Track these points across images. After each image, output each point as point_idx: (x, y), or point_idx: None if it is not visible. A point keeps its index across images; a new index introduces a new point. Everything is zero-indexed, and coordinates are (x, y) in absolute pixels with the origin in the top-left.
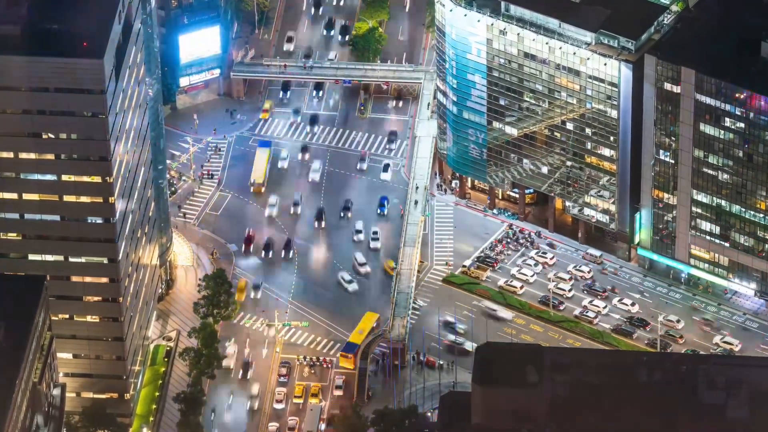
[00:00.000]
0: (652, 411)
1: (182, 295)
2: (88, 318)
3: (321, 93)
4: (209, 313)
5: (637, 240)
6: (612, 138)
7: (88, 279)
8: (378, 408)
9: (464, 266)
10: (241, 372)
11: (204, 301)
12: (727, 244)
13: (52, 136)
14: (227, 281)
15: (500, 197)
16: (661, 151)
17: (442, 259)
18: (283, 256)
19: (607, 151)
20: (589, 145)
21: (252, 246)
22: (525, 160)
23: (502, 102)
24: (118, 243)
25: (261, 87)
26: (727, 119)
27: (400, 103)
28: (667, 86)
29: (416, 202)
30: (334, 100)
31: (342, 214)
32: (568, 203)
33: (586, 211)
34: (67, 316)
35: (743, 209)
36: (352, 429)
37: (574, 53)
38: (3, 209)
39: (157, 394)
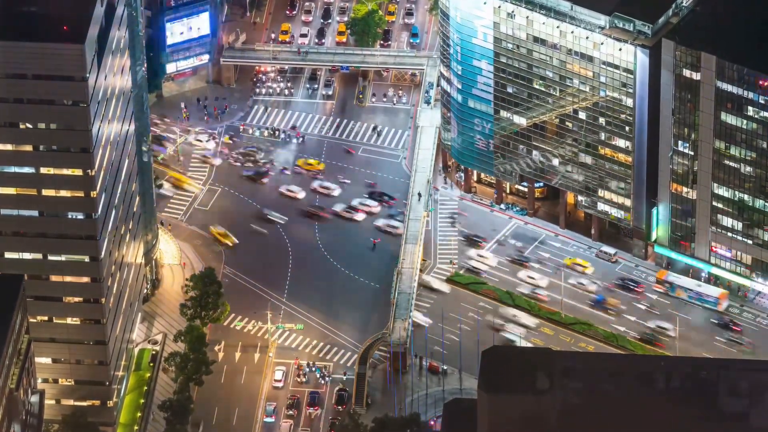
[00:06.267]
0: (671, 419)
1: (169, 295)
2: (69, 320)
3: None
4: (197, 315)
5: (654, 237)
6: (627, 128)
7: (68, 278)
8: (378, 416)
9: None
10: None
11: (191, 303)
12: (750, 242)
13: (30, 126)
14: (216, 281)
15: (508, 191)
16: (680, 142)
17: (445, 257)
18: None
19: (622, 142)
20: (602, 136)
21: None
22: (534, 152)
23: (510, 90)
24: (100, 240)
25: (252, 74)
26: (749, 108)
27: (400, 91)
28: (686, 73)
29: (419, 195)
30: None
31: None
32: (580, 198)
33: (600, 206)
34: (46, 318)
35: (767, 204)
36: None
37: (587, 38)
38: None
39: (141, 401)
